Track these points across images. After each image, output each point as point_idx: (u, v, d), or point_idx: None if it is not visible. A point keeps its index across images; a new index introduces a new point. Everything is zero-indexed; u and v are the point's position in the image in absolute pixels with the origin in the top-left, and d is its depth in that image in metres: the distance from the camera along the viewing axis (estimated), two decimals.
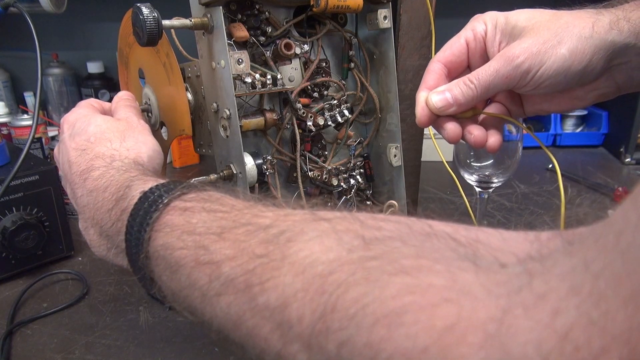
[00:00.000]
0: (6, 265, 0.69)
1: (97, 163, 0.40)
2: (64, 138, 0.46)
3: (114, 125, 0.45)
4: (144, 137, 0.45)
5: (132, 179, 0.37)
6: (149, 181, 0.36)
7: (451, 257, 0.22)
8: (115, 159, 0.41)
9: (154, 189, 0.33)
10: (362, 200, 0.61)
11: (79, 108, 0.49)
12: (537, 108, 0.48)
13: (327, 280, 0.22)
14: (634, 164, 1.17)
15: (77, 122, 0.46)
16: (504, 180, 0.76)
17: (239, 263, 0.26)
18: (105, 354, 0.55)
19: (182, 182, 0.35)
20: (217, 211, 0.31)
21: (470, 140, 0.46)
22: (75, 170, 0.41)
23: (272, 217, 0.28)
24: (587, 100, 0.46)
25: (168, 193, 0.33)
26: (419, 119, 0.46)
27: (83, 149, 0.42)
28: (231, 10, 0.49)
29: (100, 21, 1.29)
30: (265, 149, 0.54)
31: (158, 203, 0.32)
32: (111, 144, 0.42)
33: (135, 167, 0.40)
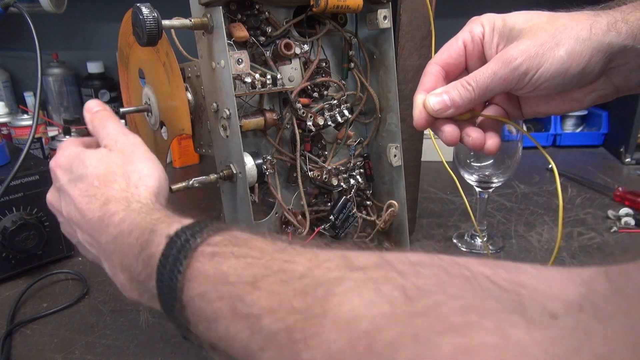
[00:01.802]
0: (6, 265, 0.69)
1: (113, 207, 0.39)
2: (62, 185, 0.44)
3: (111, 161, 0.43)
4: (144, 165, 0.43)
5: (154, 222, 0.36)
6: (172, 223, 0.35)
7: (498, 309, 0.21)
8: (130, 200, 0.40)
9: (179, 233, 0.33)
10: (362, 200, 0.61)
11: (66, 149, 0.46)
12: (535, 110, 0.48)
13: (375, 339, 0.22)
14: (634, 164, 1.17)
15: (71, 165, 0.44)
16: (504, 180, 0.76)
17: (279, 317, 0.26)
18: (105, 354, 0.55)
19: (206, 222, 0.34)
20: (246, 256, 0.30)
21: (469, 142, 0.46)
22: (90, 217, 0.40)
23: (305, 264, 0.28)
24: (585, 102, 0.46)
25: (194, 237, 0.32)
26: (417, 121, 0.47)
27: (91, 195, 0.41)
28: (231, 10, 0.49)
29: (100, 21, 1.29)
30: (265, 149, 0.54)
31: (186, 249, 0.32)
32: (118, 184, 0.41)
33: (153, 206, 0.39)
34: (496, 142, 0.47)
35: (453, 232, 0.84)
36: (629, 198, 0.92)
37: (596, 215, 0.90)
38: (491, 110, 0.48)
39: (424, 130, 0.73)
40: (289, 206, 0.55)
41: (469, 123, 0.47)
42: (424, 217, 0.90)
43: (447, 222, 0.88)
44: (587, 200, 0.97)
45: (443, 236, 0.83)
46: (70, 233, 0.46)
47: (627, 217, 0.86)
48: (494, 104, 0.48)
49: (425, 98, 0.46)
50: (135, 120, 0.68)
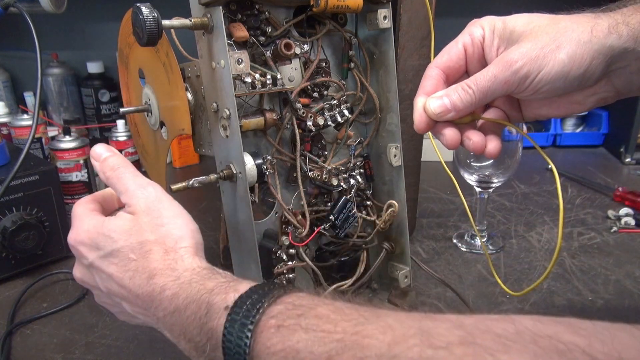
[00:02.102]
0: (6, 265, 0.69)
1: (161, 281, 0.38)
2: (93, 263, 0.42)
3: (140, 228, 0.41)
4: (174, 223, 0.41)
5: (209, 294, 0.35)
6: (227, 291, 0.35)
7: None
8: (174, 268, 0.39)
9: (238, 307, 0.32)
10: (362, 200, 0.61)
11: (83, 221, 0.43)
12: (536, 113, 0.48)
13: None
14: (634, 164, 1.17)
15: (96, 241, 0.42)
16: (504, 180, 0.76)
17: None
18: (105, 354, 0.55)
19: (262, 288, 0.34)
20: (316, 329, 0.29)
21: (469, 146, 0.46)
22: (138, 292, 0.39)
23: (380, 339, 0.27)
24: (586, 105, 0.45)
25: (255, 308, 0.32)
26: (417, 125, 0.46)
27: (132, 270, 0.40)
28: (231, 10, 0.49)
29: (100, 21, 1.29)
30: (265, 149, 0.54)
31: (248, 324, 0.31)
32: (156, 253, 0.40)
33: (201, 271, 0.38)
34: (497, 145, 0.47)
35: (453, 232, 0.84)
36: (629, 198, 0.92)
37: (596, 215, 0.90)
38: (491, 113, 0.48)
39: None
40: (289, 206, 0.55)
41: (469, 126, 0.47)
42: (424, 217, 0.90)
43: (447, 222, 0.88)
44: (587, 200, 0.97)
45: (443, 236, 0.83)
46: (109, 304, 0.44)
47: (627, 217, 0.86)
48: (494, 107, 0.48)
49: (426, 101, 0.45)
50: (135, 120, 0.68)
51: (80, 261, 0.44)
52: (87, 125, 1.24)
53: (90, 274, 0.44)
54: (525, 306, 0.64)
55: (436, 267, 0.73)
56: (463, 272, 0.72)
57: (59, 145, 0.87)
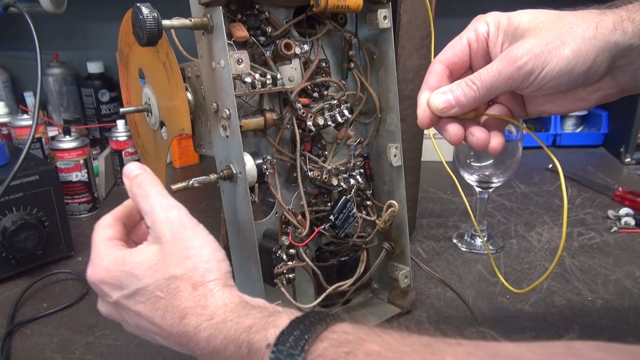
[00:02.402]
0: (6, 265, 0.69)
1: (194, 321, 0.37)
2: (118, 301, 0.40)
3: (166, 263, 0.39)
4: (200, 256, 0.39)
5: (247, 333, 0.34)
6: (267, 328, 0.34)
7: None
8: (205, 307, 0.37)
9: (282, 342, 0.31)
10: (362, 200, 0.61)
11: (100, 257, 0.41)
12: (539, 109, 0.48)
13: None
14: (634, 164, 1.17)
15: (119, 280, 0.40)
16: (504, 180, 0.76)
17: None
18: (105, 354, 0.55)
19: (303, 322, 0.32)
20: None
21: (473, 142, 0.46)
22: (171, 331, 0.38)
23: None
24: (590, 102, 0.45)
25: (299, 346, 0.31)
26: (421, 120, 0.46)
27: (161, 309, 0.38)
28: (231, 10, 0.49)
29: (100, 21, 1.29)
30: (265, 149, 0.54)
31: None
32: (185, 291, 0.38)
33: (235, 307, 0.37)
34: (500, 141, 0.46)
35: (453, 232, 0.84)
36: (629, 198, 0.92)
37: (596, 215, 0.90)
38: (495, 109, 0.48)
39: (425, 130, 0.74)
40: (289, 206, 0.55)
41: (472, 122, 0.46)
42: (424, 217, 0.90)
43: (447, 222, 0.88)
44: (587, 200, 0.97)
45: (443, 236, 0.83)
46: (141, 334, 0.42)
47: (627, 217, 0.86)
48: (498, 103, 0.48)
49: (430, 97, 0.45)
50: (135, 120, 0.68)
51: (103, 299, 0.42)
52: (87, 125, 1.24)
53: (116, 311, 0.42)
54: (525, 306, 0.64)
55: (436, 267, 0.73)
56: (463, 272, 0.72)
57: (59, 145, 0.87)
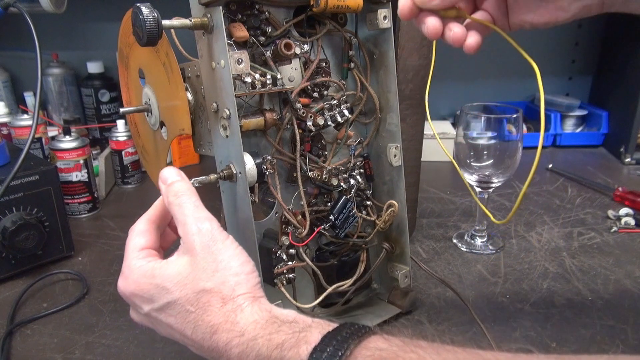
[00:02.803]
0: (6, 265, 0.69)
1: (224, 337, 0.37)
2: (149, 314, 0.41)
3: (196, 277, 0.39)
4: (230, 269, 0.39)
5: (279, 350, 0.34)
6: (299, 344, 0.34)
7: None
8: (235, 323, 0.37)
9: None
10: (362, 200, 0.61)
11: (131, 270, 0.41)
12: (522, 19, 0.48)
13: None
14: (634, 164, 1.17)
15: (150, 294, 0.40)
16: (504, 180, 0.76)
17: None
18: (105, 354, 0.55)
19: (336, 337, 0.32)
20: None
21: (449, 36, 0.46)
22: (202, 345, 0.38)
23: None
24: (570, 12, 0.45)
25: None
26: (401, 10, 0.46)
27: (192, 322, 0.38)
28: (231, 10, 0.49)
29: (100, 21, 1.29)
30: (265, 149, 0.54)
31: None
32: (215, 306, 0.38)
33: (266, 324, 0.36)
34: (477, 40, 0.46)
35: (453, 232, 0.84)
36: (629, 198, 0.92)
37: (596, 215, 0.90)
38: (479, 15, 0.48)
39: (425, 130, 0.74)
40: (289, 206, 0.55)
41: (453, 20, 0.47)
42: (424, 217, 0.90)
43: (447, 222, 0.88)
44: (587, 200, 0.97)
45: (443, 236, 0.83)
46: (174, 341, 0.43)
47: (627, 217, 0.86)
48: (482, 10, 0.49)
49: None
50: (135, 120, 0.68)
51: (135, 309, 0.43)
52: (87, 125, 1.24)
53: (148, 321, 0.42)
54: (525, 306, 0.64)
55: (436, 267, 0.73)
56: (463, 272, 0.72)
57: (59, 145, 0.87)
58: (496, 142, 0.73)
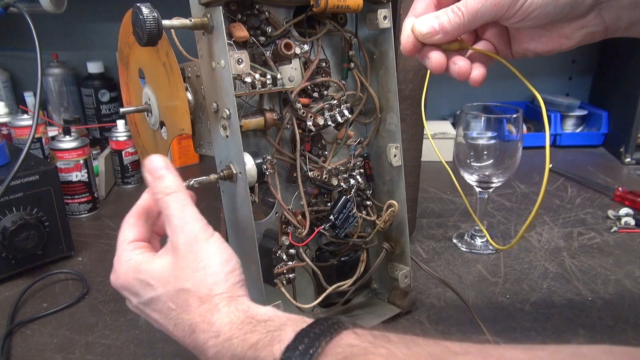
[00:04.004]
0: (6, 265, 0.69)
1: (202, 337, 0.38)
2: (137, 306, 0.43)
3: (178, 275, 0.40)
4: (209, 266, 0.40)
5: (253, 350, 0.35)
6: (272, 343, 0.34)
7: None
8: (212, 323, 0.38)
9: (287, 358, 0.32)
10: (362, 200, 0.61)
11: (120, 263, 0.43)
12: (525, 47, 0.48)
13: None
14: (634, 164, 1.17)
15: (135, 288, 0.42)
16: (504, 180, 0.76)
17: None
18: (105, 354, 0.55)
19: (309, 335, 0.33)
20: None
21: (454, 70, 0.46)
22: (185, 342, 0.39)
23: None
24: (574, 40, 0.45)
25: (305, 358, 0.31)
26: (404, 45, 0.46)
27: (173, 319, 0.40)
28: (231, 10, 0.49)
29: (100, 21, 1.29)
30: (265, 149, 0.54)
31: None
32: (194, 305, 0.39)
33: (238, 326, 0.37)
34: (482, 73, 0.46)
35: (453, 232, 0.84)
36: (629, 198, 0.92)
37: (596, 215, 0.90)
38: (481, 45, 0.48)
39: (424, 130, 0.74)
40: (289, 206, 0.55)
41: (456, 53, 0.46)
42: (424, 217, 0.90)
43: (447, 222, 0.88)
44: (587, 200, 0.97)
45: (443, 236, 0.83)
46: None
47: (627, 217, 0.86)
48: (484, 40, 0.48)
49: (414, 22, 0.45)
50: (135, 120, 0.68)
51: (127, 301, 0.44)
52: (87, 125, 1.24)
53: (140, 312, 0.44)
54: (525, 306, 0.64)
55: (436, 267, 0.73)
56: (463, 272, 0.72)
57: (59, 145, 0.87)
58: (496, 142, 0.73)
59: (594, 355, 0.26)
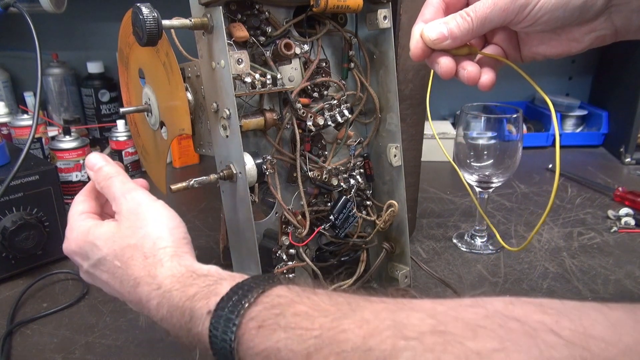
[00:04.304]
0: (6, 265, 0.69)
1: (145, 290, 0.39)
2: (88, 270, 0.45)
3: (122, 234, 0.42)
4: (153, 225, 0.42)
5: (190, 301, 0.36)
6: (209, 296, 0.35)
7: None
8: (154, 276, 0.39)
9: (221, 308, 0.33)
10: (362, 200, 0.61)
11: (71, 230, 0.45)
12: (534, 51, 0.47)
13: None
14: (634, 164, 1.17)
15: (85, 250, 0.44)
16: (504, 180, 0.76)
17: None
18: (105, 354, 0.55)
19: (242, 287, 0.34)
20: (294, 327, 0.30)
21: (464, 75, 0.46)
22: (129, 298, 0.41)
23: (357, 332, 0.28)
24: (584, 43, 0.45)
25: (236, 310, 0.32)
26: (413, 52, 0.46)
27: (119, 277, 0.41)
28: (231, 10, 0.49)
29: (100, 21, 1.29)
30: (265, 149, 0.54)
31: (231, 326, 0.32)
32: (137, 260, 0.40)
33: (181, 276, 0.38)
34: (491, 78, 0.46)
35: (453, 232, 0.84)
36: (629, 198, 0.92)
37: (596, 215, 0.90)
38: (490, 50, 0.48)
39: (425, 130, 0.74)
40: (289, 206, 0.55)
41: (465, 58, 0.46)
42: (424, 217, 0.90)
43: (447, 222, 0.88)
44: (587, 200, 0.97)
45: (443, 236, 0.83)
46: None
47: (627, 217, 0.86)
48: (493, 44, 0.48)
49: (423, 28, 0.45)
50: (135, 120, 0.68)
51: (80, 269, 0.46)
52: (87, 125, 1.24)
53: (92, 279, 0.46)
54: None
55: (436, 267, 0.73)
56: (463, 272, 0.72)
57: (59, 145, 0.87)
58: (496, 142, 0.73)
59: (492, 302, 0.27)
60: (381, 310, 0.29)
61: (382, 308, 0.29)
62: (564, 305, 0.26)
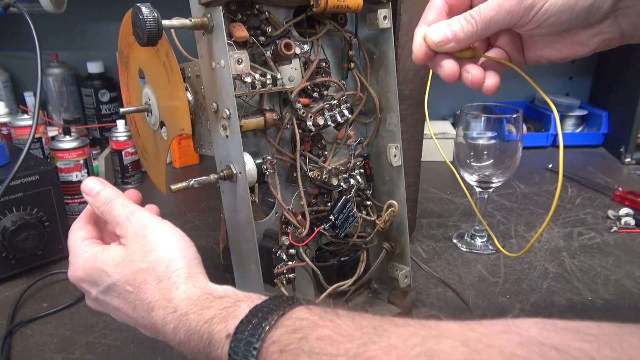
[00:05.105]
0: (6, 265, 0.69)
1: (160, 314, 0.38)
2: (97, 297, 0.43)
3: (131, 258, 0.41)
4: (163, 248, 0.41)
5: (208, 324, 0.35)
6: (227, 319, 0.35)
7: None
8: (170, 299, 0.38)
9: (241, 331, 0.33)
10: (362, 200, 0.61)
11: (76, 257, 0.44)
12: (538, 54, 0.47)
13: None
14: (634, 164, 1.17)
15: (93, 277, 0.42)
16: (504, 180, 0.76)
17: None
18: (105, 354, 0.55)
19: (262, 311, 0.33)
20: (318, 353, 0.29)
21: (467, 79, 0.45)
22: (144, 323, 0.40)
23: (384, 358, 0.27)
24: (590, 47, 0.44)
25: (257, 334, 0.32)
26: (416, 54, 0.45)
27: (131, 302, 0.40)
28: (231, 10, 0.49)
29: (100, 21, 1.29)
30: (265, 149, 0.54)
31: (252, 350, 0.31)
32: (150, 284, 0.40)
33: (197, 299, 0.38)
34: (495, 81, 0.45)
35: (453, 232, 0.84)
36: (629, 198, 0.92)
37: (596, 215, 0.90)
38: (494, 53, 0.47)
39: (425, 130, 0.74)
40: (289, 206, 0.55)
41: (469, 61, 0.45)
42: (424, 217, 0.90)
43: (447, 222, 0.88)
44: (587, 200, 0.97)
45: (443, 236, 0.83)
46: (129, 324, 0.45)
47: (627, 217, 0.86)
48: (497, 47, 0.48)
49: (426, 31, 0.44)
50: (135, 120, 0.68)
51: (87, 296, 0.45)
52: (87, 125, 1.24)
53: (100, 306, 0.45)
54: (525, 306, 0.64)
55: (436, 267, 0.73)
56: (463, 272, 0.72)
57: (59, 145, 0.87)
58: (496, 142, 0.73)
59: (526, 327, 0.27)
60: (409, 335, 0.28)
61: (409, 333, 0.28)
62: (601, 330, 0.25)
